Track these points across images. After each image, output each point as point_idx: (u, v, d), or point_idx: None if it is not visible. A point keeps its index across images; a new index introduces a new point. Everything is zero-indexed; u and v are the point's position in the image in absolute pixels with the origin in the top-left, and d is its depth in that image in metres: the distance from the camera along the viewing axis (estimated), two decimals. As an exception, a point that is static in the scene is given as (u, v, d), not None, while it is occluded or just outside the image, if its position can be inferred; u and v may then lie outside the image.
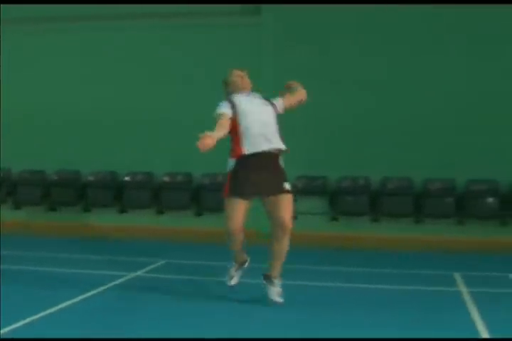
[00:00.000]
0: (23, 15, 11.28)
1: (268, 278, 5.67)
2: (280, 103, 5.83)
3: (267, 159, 5.52)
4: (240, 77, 5.81)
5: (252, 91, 5.87)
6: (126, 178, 10.98)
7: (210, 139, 5.06)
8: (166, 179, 10.91)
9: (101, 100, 11.18)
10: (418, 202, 9.92)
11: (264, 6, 10.68)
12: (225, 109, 5.54)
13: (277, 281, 5.67)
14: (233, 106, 5.56)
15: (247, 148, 5.47)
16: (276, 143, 5.55)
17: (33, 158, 11.22)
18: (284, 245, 5.58)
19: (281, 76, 6.00)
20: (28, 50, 11.40)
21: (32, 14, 11.25)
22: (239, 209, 5.51)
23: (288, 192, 5.57)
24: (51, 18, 11.27)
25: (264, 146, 5.47)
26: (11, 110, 11.18)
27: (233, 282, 5.94)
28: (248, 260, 6.01)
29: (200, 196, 10.64)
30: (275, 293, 5.62)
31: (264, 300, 5.70)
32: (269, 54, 10.61)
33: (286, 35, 10.63)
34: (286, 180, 5.61)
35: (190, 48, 10.99)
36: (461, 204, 9.80)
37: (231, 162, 5.63)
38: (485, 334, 4.80)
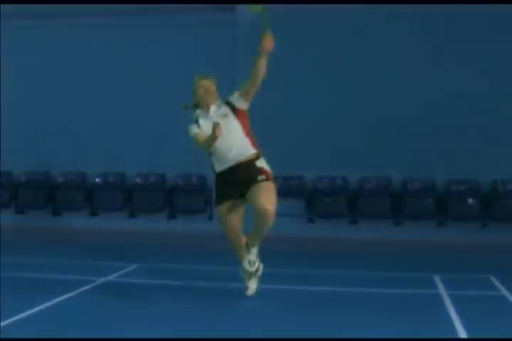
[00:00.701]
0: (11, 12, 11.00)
1: (246, 245, 5.85)
2: (238, 100, 5.80)
3: (238, 169, 5.72)
4: (203, 88, 5.82)
5: (220, 99, 5.88)
6: (97, 179, 10.73)
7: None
8: (138, 180, 10.68)
9: (70, 100, 10.96)
10: (397, 203, 9.81)
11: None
12: (196, 130, 5.83)
13: (253, 250, 5.82)
14: (199, 127, 5.83)
15: (217, 167, 5.82)
16: (245, 152, 5.71)
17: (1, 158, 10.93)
18: (263, 229, 5.64)
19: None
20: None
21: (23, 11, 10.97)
22: (224, 215, 5.76)
23: (262, 181, 5.64)
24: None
25: (231, 162, 5.71)
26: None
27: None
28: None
29: (174, 197, 10.42)
30: (247, 261, 5.82)
31: (240, 303, 5.67)
32: (244, 52, 10.44)
33: (260, 33, 10.46)
34: (261, 174, 5.69)
35: (165, 46, 10.82)
36: (441, 204, 9.72)
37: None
38: (463, 335, 4.80)
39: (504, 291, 6.49)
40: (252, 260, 5.81)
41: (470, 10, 9.80)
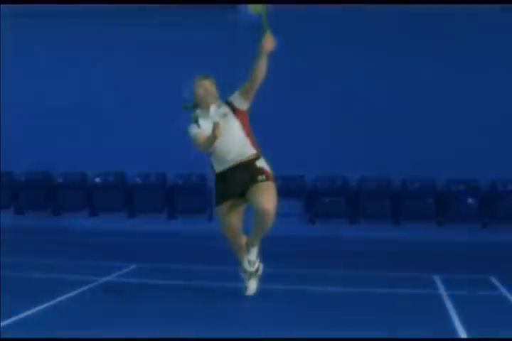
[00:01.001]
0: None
1: (246, 245, 5.84)
2: (238, 100, 5.78)
3: (238, 169, 5.72)
4: (202, 87, 5.81)
5: (220, 99, 5.85)
6: (97, 179, 10.73)
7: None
8: (138, 180, 10.68)
9: (71, 100, 10.95)
10: (397, 203, 9.81)
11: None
12: (196, 129, 5.80)
13: (253, 250, 5.81)
14: (199, 127, 5.80)
15: (217, 168, 5.81)
16: (244, 153, 5.71)
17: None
18: (263, 229, 5.65)
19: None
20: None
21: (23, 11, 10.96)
22: (224, 214, 5.76)
23: (262, 181, 5.65)
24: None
25: (231, 162, 5.71)
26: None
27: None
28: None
29: (174, 197, 10.42)
30: (247, 261, 5.82)
31: (240, 303, 5.68)
32: (245, 52, 10.43)
33: (261, 33, 10.47)
34: (261, 174, 5.68)
35: (165, 46, 10.82)
36: (441, 204, 9.72)
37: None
38: (463, 335, 4.81)
39: (504, 291, 6.50)
40: (252, 260, 5.81)
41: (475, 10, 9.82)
